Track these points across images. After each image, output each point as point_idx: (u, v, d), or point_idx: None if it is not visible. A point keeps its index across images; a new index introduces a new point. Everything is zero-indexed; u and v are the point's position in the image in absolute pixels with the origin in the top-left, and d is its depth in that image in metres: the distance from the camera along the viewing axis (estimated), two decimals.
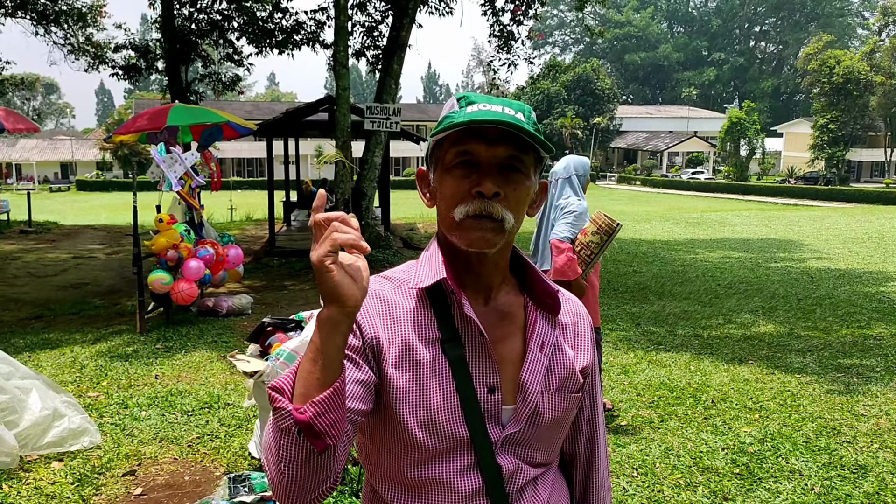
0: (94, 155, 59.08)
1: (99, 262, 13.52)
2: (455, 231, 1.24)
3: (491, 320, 1.29)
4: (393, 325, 1.25)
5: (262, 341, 4.55)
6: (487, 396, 1.25)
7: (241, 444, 4.51)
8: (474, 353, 1.26)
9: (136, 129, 8.39)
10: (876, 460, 4.18)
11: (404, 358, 1.23)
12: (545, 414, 1.29)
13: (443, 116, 1.27)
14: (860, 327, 7.73)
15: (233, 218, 22.52)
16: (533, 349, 1.30)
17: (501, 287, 1.33)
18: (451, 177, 1.24)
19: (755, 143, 60.12)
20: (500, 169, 1.22)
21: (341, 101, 11.77)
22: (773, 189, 51.11)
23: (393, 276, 1.34)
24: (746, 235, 17.74)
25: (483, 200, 1.20)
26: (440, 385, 1.23)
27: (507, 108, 1.24)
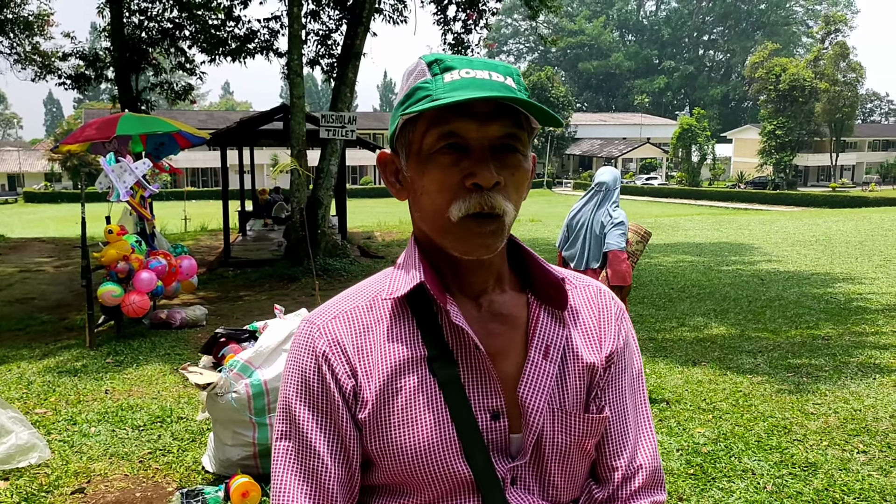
0: (42, 166, 57.76)
1: (47, 276, 13.19)
2: (448, 234, 1.02)
3: (488, 328, 1.07)
4: (370, 353, 1.05)
5: (215, 352, 4.48)
6: (491, 424, 1.04)
7: (194, 458, 4.42)
8: (471, 371, 1.04)
9: (85, 139, 8.22)
10: (825, 457, 4.28)
11: (386, 390, 1.03)
12: (557, 439, 1.06)
13: (411, 87, 1.02)
14: (809, 328, 7.91)
15: (187, 228, 22.18)
16: (534, 356, 1.07)
17: (498, 286, 1.10)
18: (434, 166, 1.00)
19: (706, 149, 61.41)
20: (495, 151, 0.99)
21: (296, 110, 11.70)
22: (723, 194, 52.22)
23: (366, 288, 1.13)
24: (699, 240, 18.07)
25: (482, 194, 0.98)
26: (432, 414, 1.02)
27: (493, 72, 1.00)
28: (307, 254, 11.21)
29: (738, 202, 47.34)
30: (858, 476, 4.00)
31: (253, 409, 3.91)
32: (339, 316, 1.08)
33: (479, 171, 0.97)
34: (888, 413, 4.99)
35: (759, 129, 62.63)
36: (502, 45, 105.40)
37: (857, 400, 5.30)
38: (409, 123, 1.03)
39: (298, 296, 10.02)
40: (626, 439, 1.14)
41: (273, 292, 10.52)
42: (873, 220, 21.37)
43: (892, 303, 9.12)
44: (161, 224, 16.37)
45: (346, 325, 1.07)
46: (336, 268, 11.81)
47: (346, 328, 1.07)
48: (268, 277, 11.58)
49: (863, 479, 3.96)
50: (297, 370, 1.07)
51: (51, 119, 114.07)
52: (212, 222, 22.79)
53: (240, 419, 3.93)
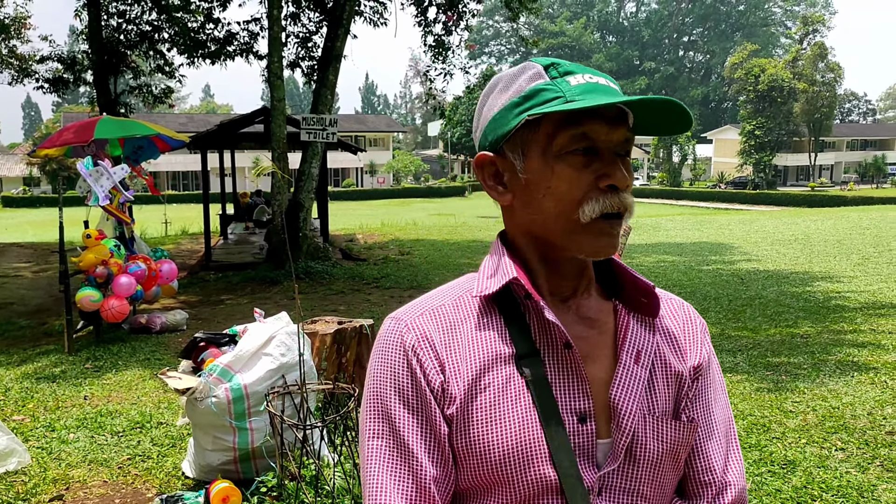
0: (20, 170, 57.16)
1: (25, 281, 13.04)
2: (577, 235, 1.01)
3: (575, 331, 1.06)
4: (458, 350, 1.04)
5: (194, 357, 4.45)
6: (577, 427, 1.01)
7: (174, 463, 4.39)
8: (558, 372, 1.03)
9: (62, 143, 8.15)
10: (804, 455, 4.32)
11: (474, 386, 1.02)
12: (649, 445, 1.04)
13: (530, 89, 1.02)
14: (788, 326, 7.98)
15: (167, 232, 22.02)
16: (626, 360, 1.05)
17: (586, 291, 1.10)
18: (566, 166, 1.00)
19: (686, 149, 61.79)
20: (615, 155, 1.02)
21: (277, 113, 11.65)
22: (704, 194, 52.59)
23: (453, 287, 1.13)
24: (680, 240, 18.18)
25: (618, 194, 1.00)
26: (519, 414, 1.00)
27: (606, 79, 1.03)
28: (289, 256, 11.18)
29: (719, 202, 47.69)
30: (836, 473, 4.04)
31: (233, 413, 3.89)
32: (426, 312, 1.08)
33: (613, 173, 1.00)
34: (866, 410, 5.05)
35: (738, 130, 63.15)
36: (483, 47, 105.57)
37: (836, 398, 5.35)
38: (529, 124, 1.01)
39: (280, 299, 9.98)
40: (715, 455, 1.12)
41: (255, 296, 10.46)
42: (851, 219, 21.60)
43: (869, 301, 9.23)
44: (141, 228, 16.27)
45: (433, 320, 1.06)
46: (318, 270, 11.77)
47: (434, 324, 1.06)
48: (249, 281, 11.52)
49: (841, 476, 4.00)
50: (386, 366, 1.05)
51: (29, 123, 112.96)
52: (193, 226, 22.63)
53: (220, 424, 3.91)
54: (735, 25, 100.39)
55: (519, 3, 15.72)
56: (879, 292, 9.77)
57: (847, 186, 59.02)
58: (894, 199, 38.31)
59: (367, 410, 1.07)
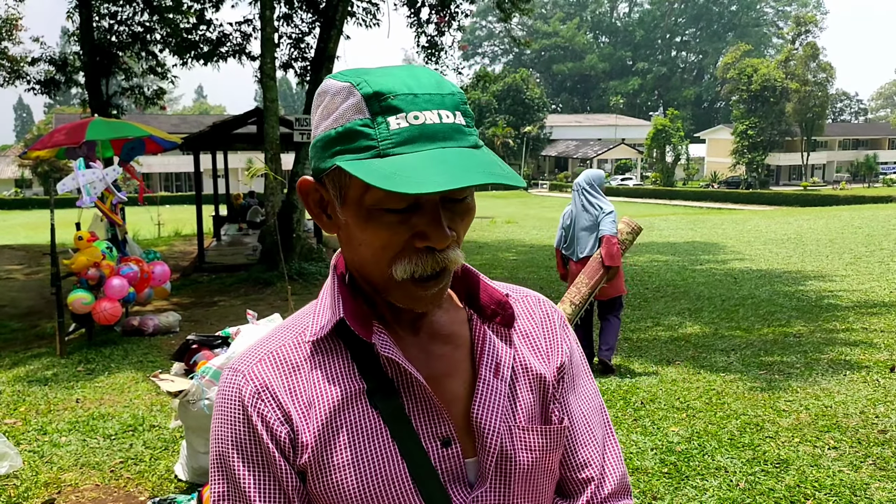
0: (12, 172, 56.90)
1: (17, 283, 12.99)
2: (391, 291, 0.95)
3: (429, 350, 1.01)
4: (303, 394, 0.97)
5: (186, 359, 4.44)
6: (442, 452, 0.98)
7: (167, 466, 4.37)
8: (414, 400, 0.98)
9: (54, 145, 8.13)
10: (797, 454, 4.32)
11: (326, 430, 0.96)
12: (519, 457, 1.01)
13: (346, 126, 0.89)
14: (780, 326, 8.00)
15: (160, 234, 21.98)
16: (485, 375, 1.01)
17: (436, 309, 1.04)
18: (378, 223, 0.90)
19: (680, 149, 61.97)
20: (445, 201, 0.91)
21: (270, 114, 11.63)
22: (697, 193, 52.74)
23: (290, 327, 1.04)
24: (673, 239, 18.22)
25: (435, 255, 0.91)
26: (378, 452, 0.96)
27: (442, 111, 0.89)
28: (282, 258, 11.16)
29: (712, 202, 47.80)
30: (829, 472, 4.05)
31: None
32: (264, 358, 1.00)
33: (432, 233, 0.89)
34: (858, 409, 5.06)
35: (731, 130, 63.37)
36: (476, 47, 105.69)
37: (828, 396, 5.36)
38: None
39: (274, 300, 9.96)
40: (591, 449, 1.11)
41: (248, 297, 10.44)
42: (843, 218, 21.68)
43: (861, 300, 9.25)
44: (133, 230, 16.21)
45: (272, 367, 0.99)
46: (311, 272, 11.75)
47: (273, 370, 0.98)
48: (243, 282, 11.49)
49: (834, 474, 4.01)
50: (225, 424, 0.99)
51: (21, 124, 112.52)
52: (185, 227, 22.59)
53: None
54: (727, 26, 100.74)
55: (511, 4, 15.74)
56: (871, 291, 9.80)
57: (839, 186, 59.27)
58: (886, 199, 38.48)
59: (211, 472, 1.01)
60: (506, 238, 19.57)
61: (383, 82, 0.89)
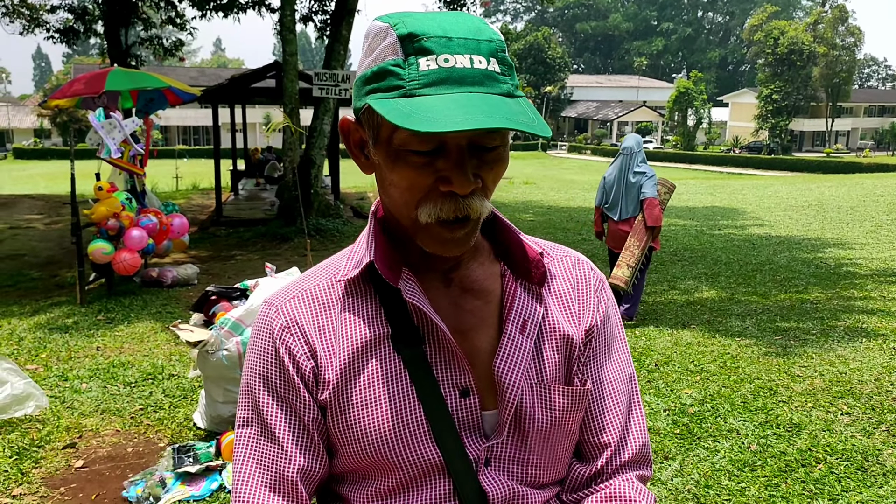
0: (31, 122, 57.16)
1: (37, 233, 13.12)
2: (418, 233, 0.96)
3: (458, 303, 1.02)
4: (331, 333, 1.00)
5: (206, 310, 4.49)
6: (460, 401, 0.99)
7: (185, 414, 4.45)
8: (437, 349, 0.99)
9: (73, 94, 8.11)
10: (809, 419, 4.33)
11: (349, 369, 0.99)
12: (536, 415, 1.01)
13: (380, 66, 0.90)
14: (798, 292, 7.96)
15: (178, 187, 22.05)
16: (511, 331, 1.01)
17: (470, 258, 1.05)
18: (405, 163, 0.91)
19: (702, 112, 61.10)
20: (473, 148, 0.90)
21: (289, 68, 11.55)
22: (718, 158, 52.13)
23: (327, 268, 1.08)
24: (692, 204, 18.07)
25: (457, 200, 0.91)
26: (396, 394, 0.98)
27: (475, 55, 0.88)
28: (300, 213, 11.18)
29: (733, 167, 47.26)
30: (842, 437, 4.06)
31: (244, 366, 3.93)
32: (297, 295, 1.04)
33: (454, 177, 0.89)
34: (873, 376, 5.05)
35: (755, 94, 62.33)
36: (499, 4, 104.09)
37: (843, 363, 5.35)
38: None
39: (291, 255, 10.01)
40: (613, 415, 1.10)
41: (265, 252, 10.50)
42: (866, 186, 21.39)
43: (881, 268, 9.17)
44: (152, 182, 16.28)
45: (305, 304, 1.03)
46: (329, 228, 11.78)
47: (305, 307, 1.02)
48: (260, 237, 11.55)
49: (846, 440, 4.02)
50: (255, 354, 1.04)
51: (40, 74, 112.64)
52: (203, 181, 22.64)
53: (231, 377, 3.95)
54: None
55: None
56: (891, 259, 9.71)
57: (863, 153, 58.35)
58: None
59: (239, 398, 1.06)
60: (524, 199, 19.50)
61: (420, 24, 0.90)
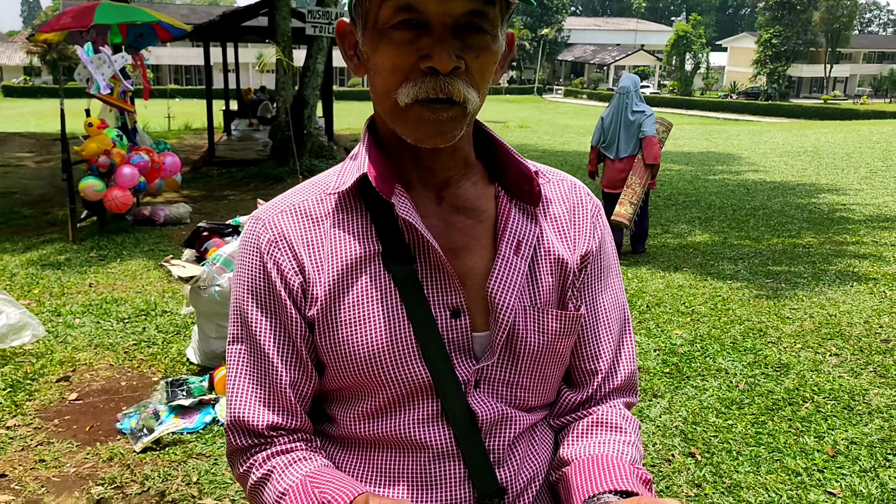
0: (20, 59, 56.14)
1: (28, 171, 12.99)
2: (399, 119, 0.93)
3: (450, 221, 1.00)
4: (320, 248, 0.98)
5: (197, 246, 4.48)
6: (450, 322, 0.97)
7: (178, 349, 4.48)
8: (428, 268, 0.97)
9: (61, 28, 7.95)
10: (798, 359, 4.38)
11: (338, 286, 0.97)
12: (529, 338, 1.00)
13: None
14: (790, 236, 7.98)
15: (170, 127, 21.78)
16: (504, 252, 0.99)
17: (463, 177, 1.02)
18: (388, 43, 0.89)
19: (700, 57, 60.40)
20: (458, 30, 0.88)
21: (281, 5, 11.33)
22: (715, 104, 51.73)
23: (318, 182, 1.05)
24: (688, 149, 17.97)
25: (437, 78, 0.88)
26: (386, 312, 0.96)
27: None
28: (293, 154, 11.08)
29: (730, 112, 46.91)
30: (829, 377, 4.11)
31: None
32: (286, 210, 1.01)
33: (435, 53, 0.87)
34: (862, 318, 5.10)
35: (755, 38, 61.53)
36: None
37: (833, 306, 5.39)
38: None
39: None
40: (605, 342, 1.09)
41: (258, 192, 10.43)
42: (862, 133, 21.28)
43: (874, 214, 9.19)
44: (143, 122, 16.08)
45: (293, 218, 1.00)
46: (322, 168, 11.62)
47: (293, 222, 1.00)
48: (253, 177, 11.47)
49: (833, 379, 4.07)
50: (243, 269, 1.02)
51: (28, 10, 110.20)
52: (196, 121, 22.36)
53: (223, 312, 3.96)
54: None
55: None
56: (885, 205, 9.72)
57: (860, 100, 57.95)
58: None
59: (230, 314, 1.05)
60: (518, 143, 19.35)
61: None
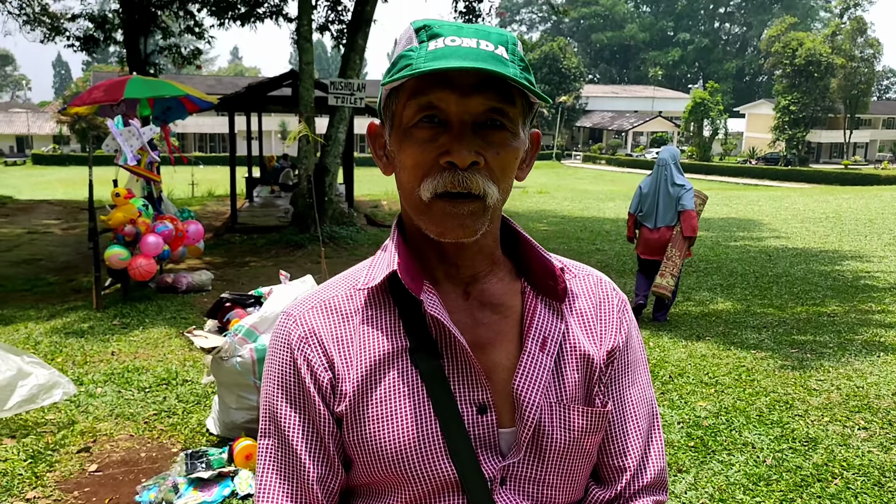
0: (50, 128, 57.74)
1: (55, 238, 13.24)
2: (423, 215, 0.96)
3: (477, 317, 1.02)
4: (349, 344, 1.00)
5: (220, 317, 4.51)
6: (477, 418, 0.97)
7: (198, 420, 4.46)
8: (455, 363, 0.98)
9: (92, 101, 8.21)
10: (826, 433, 4.29)
11: (366, 382, 0.98)
12: (555, 435, 1.00)
13: (397, 55, 0.95)
14: (815, 304, 7.89)
15: (194, 194, 22.20)
16: (530, 348, 1.00)
17: (490, 273, 1.04)
18: (411, 141, 0.94)
19: (718, 123, 60.82)
20: (478, 127, 0.92)
21: (305, 76, 11.63)
22: (734, 169, 51.87)
23: (347, 278, 1.08)
24: (707, 215, 17.96)
25: (456, 173, 0.91)
26: (413, 408, 0.97)
27: (483, 41, 0.91)
28: (314, 221, 11.21)
29: (750, 178, 46.99)
30: (858, 452, 4.01)
31: (257, 373, 3.94)
32: (316, 306, 1.04)
33: (454, 149, 0.91)
34: (891, 390, 4.99)
35: (772, 105, 61.98)
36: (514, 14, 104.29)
37: (861, 377, 5.30)
38: (393, 94, 0.96)
39: (304, 262, 10.04)
40: (633, 439, 1.08)
41: (279, 258, 10.53)
42: (884, 199, 21.21)
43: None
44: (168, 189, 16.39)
45: (323, 314, 1.02)
46: (342, 236, 11.81)
47: (323, 318, 1.02)
48: (274, 244, 11.60)
49: (863, 454, 3.97)
50: (273, 364, 1.04)
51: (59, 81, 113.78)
52: (219, 188, 22.79)
53: (244, 383, 3.96)
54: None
55: None
56: None
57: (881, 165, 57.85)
58: None
59: (260, 409, 1.06)
60: (538, 208, 19.47)
61: (436, 21, 0.96)
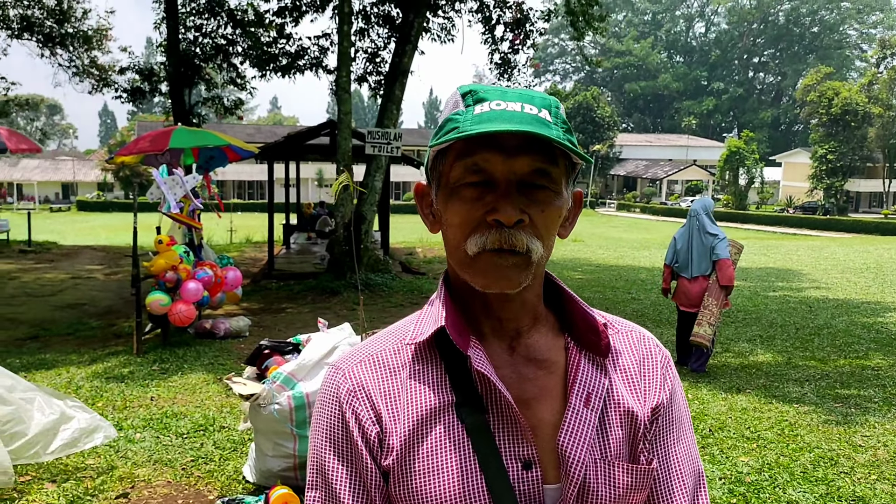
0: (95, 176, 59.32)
1: (97, 283, 13.51)
2: (468, 269, 0.99)
3: (522, 373, 1.03)
4: (397, 399, 1.02)
5: (258, 364, 4.55)
6: (522, 474, 0.98)
7: (235, 467, 4.48)
8: (500, 419, 0.99)
9: (139, 151, 8.46)
10: (874, 492, 4.16)
11: (413, 436, 1.00)
12: (600, 491, 1.00)
13: (444, 119, 1.00)
14: (858, 357, 7.72)
15: (232, 240, 22.54)
16: (574, 404, 1.01)
17: (534, 328, 1.06)
18: (458, 200, 0.98)
19: (754, 172, 60.36)
20: (522, 187, 0.96)
21: (343, 126, 11.86)
22: (771, 218, 51.24)
23: (395, 332, 1.10)
24: (745, 264, 17.75)
25: (502, 230, 0.95)
26: (459, 462, 0.98)
27: (527, 104, 0.96)
28: (351, 268, 11.31)
29: (787, 227, 46.40)
30: None
31: (294, 420, 3.96)
32: (365, 360, 1.06)
33: (500, 207, 0.95)
34: None
35: (809, 153, 61.43)
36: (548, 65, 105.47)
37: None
38: (440, 155, 1.01)
39: (340, 309, 10.10)
40: (678, 496, 1.08)
41: (315, 305, 10.62)
42: None
43: None
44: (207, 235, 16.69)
45: (372, 369, 1.04)
46: (378, 283, 11.88)
47: (371, 372, 1.04)
48: (310, 290, 11.70)
49: None
50: (321, 416, 1.05)
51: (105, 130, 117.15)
52: (256, 235, 23.13)
53: (281, 430, 3.98)
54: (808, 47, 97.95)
55: (585, 23, 15.69)
56: None
57: None
58: None
59: (308, 461, 1.07)
60: (572, 256, 19.41)
61: (482, 86, 1.01)
